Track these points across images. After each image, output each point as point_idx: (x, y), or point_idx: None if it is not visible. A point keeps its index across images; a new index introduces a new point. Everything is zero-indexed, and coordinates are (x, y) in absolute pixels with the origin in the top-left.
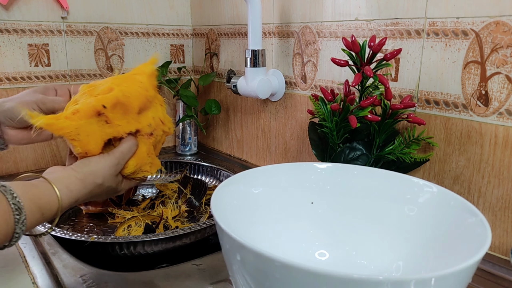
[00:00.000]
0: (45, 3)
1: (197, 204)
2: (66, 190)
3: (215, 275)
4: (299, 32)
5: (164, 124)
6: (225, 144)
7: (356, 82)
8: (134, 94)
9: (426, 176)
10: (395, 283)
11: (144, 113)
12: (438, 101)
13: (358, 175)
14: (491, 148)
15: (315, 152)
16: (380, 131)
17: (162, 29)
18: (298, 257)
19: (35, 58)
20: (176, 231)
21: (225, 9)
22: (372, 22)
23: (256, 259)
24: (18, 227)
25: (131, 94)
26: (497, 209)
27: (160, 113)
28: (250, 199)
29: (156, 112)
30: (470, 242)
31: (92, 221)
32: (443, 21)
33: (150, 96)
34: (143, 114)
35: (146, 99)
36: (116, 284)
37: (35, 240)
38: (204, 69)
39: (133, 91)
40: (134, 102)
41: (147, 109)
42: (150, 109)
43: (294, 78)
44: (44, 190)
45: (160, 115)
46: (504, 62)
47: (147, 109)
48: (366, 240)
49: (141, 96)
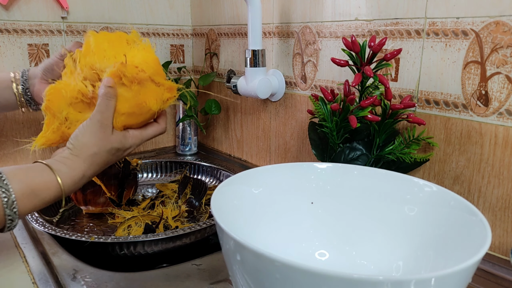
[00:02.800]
0: (45, 3)
1: (197, 204)
2: (66, 169)
3: (215, 275)
4: (299, 32)
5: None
6: (225, 144)
7: (356, 82)
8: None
9: (426, 176)
10: (395, 283)
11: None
12: (438, 101)
13: (358, 175)
14: (491, 148)
15: (315, 152)
16: (380, 131)
17: (162, 29)
18: (298, 257)
19: (35, 58)
20: (176, 231)
21: (225, 9)
22: (372, 22)
23: (256, 259)
24: (8, 209)
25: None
26: (497, 209)
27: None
28: (250, 199)
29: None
30: (470, 242)
31: (92, 221)
32: (443, 21)
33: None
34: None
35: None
36: (116, 284)
37: (35, 240)
38: (204, 69)
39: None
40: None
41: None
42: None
43: (294, 78)
44: (39, 172)
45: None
46: (504, 62)
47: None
48: (366, 240)
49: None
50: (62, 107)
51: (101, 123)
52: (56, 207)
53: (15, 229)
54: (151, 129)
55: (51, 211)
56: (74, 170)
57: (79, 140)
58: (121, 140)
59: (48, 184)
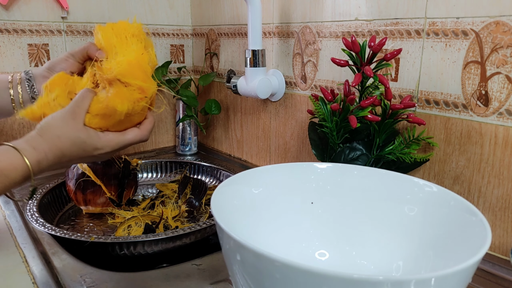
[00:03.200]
0: (45, 3)
1: (197, 204)
2: (29, 148)
3: (215, 275)
4: (299, 32)
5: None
6: (225, 144)
7: (356, 82)
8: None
9: (426, 176)
10: (395, 283)
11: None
12: (438, 101)
13: (358, 175)
14: (491, 148)
15: (315, 152)
16: (380, 131)
17: (162, 29)
18: (298, 257)
19: (35, 58)
20: (176, 231)
21: (225, 9)
22: (372, 22)
23: (256, 259)
24: None
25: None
26: (497, 209)
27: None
28: (250, 199)
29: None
30: (470, 242)
31: (92, 221)
32: (443, 21)
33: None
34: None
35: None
36: (116, 284)
37: (35, 240)
38: (204, 69)
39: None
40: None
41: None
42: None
43: (294, 78)
44: (4, 153)
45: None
46: (504, 62)
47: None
48: (366, 240)
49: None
50: (59, 90)
51: (73, 111)
52: (57, 206)
53: (15, 229)
54: (130, 134)
55: (51, 211)
56: (37, 150)
57: (47, 122)
58: (91, 136)
59: (15, 164)
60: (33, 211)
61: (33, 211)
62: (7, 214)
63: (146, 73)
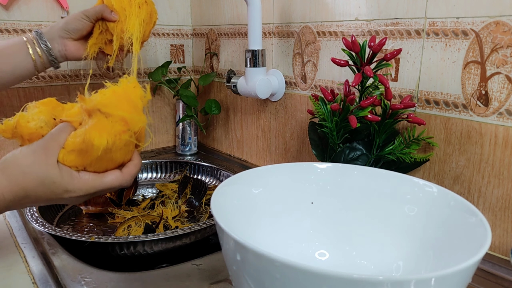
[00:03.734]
0: (45, 3)
1: (197, 204)
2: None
3: (215, 275)
4: (299, 32)
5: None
6: (225, 144)
7: (356, 82)
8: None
9: (426, 176)
10: (395, 283)
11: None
12: (438, 101)
13: (358, 175)
14: (491, 148)
15: (315, 152)
16: (380, 131)
17: (162, 29)
18: (298, 257)
19: None
20: (176, 231)
21: (225, 9)
22: (372, 22)
23: (256, 259)
24: None
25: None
26: (497, 209)
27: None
28: (250, 199)
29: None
30: (470, 242)
31: (92, 221)
32: (443, 21)
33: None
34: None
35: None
36: (116, 284)
37: (35, 240)
38: (204, 69)
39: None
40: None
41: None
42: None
43: (294, 78)
44: None
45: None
46: (504, 62)
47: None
48: (366, 240)
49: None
50: (46, 111)
51: (46, 146)
52: (57, 205)
53: (15, 229)
54: (109, 176)
55: (51, 211)
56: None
57: (14, 154)
58: (63, 175)
59: None
60: (33, 211)
61: (33, 211)
62: (7, 214)
63: (135, 106)
